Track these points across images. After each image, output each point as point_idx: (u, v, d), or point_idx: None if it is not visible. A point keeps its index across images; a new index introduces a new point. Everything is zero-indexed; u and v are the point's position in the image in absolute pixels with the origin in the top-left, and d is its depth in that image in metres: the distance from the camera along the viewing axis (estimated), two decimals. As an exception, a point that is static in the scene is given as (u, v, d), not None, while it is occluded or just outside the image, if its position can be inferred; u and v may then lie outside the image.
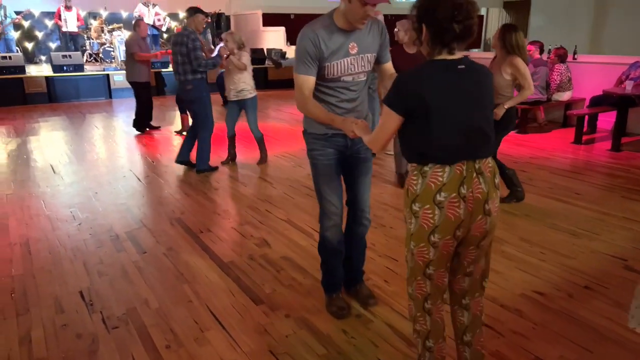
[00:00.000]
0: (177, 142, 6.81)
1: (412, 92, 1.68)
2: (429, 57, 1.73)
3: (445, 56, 1.70)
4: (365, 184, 2.52)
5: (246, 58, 5.17)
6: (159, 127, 7.56)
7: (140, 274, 3.07)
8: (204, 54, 5.00)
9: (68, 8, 10.94)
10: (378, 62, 2.38)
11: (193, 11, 5.03)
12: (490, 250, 1.92)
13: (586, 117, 6.45)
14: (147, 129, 7.37)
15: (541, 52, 6.66)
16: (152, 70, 7.34)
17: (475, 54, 10.72)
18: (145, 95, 7.15)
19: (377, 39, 2.30)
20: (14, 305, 2.73)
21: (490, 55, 8.41)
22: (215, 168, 5.28)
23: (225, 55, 5.03)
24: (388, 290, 2.83)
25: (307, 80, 2.21)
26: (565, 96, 6.89)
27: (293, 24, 12.92)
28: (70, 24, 11.03)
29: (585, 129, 6.50)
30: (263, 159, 5.49)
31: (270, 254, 3.33)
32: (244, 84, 5.13)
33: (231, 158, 5.53)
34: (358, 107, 2.35)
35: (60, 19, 10.98)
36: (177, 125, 7.58)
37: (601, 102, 6.43)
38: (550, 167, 5.34)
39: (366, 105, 2.45)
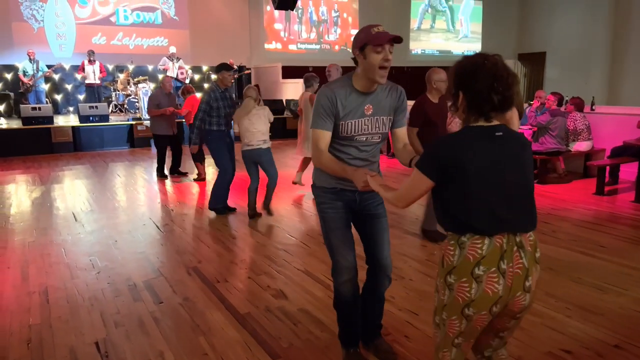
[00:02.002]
0: (196, 189, 6.91)
1: (446, 158, 1.63)
2: (465, 124, 1.70)
3: (482, 123, 1.66)
4: (381, 241, 2.46)
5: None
6: (186, 173, 7.80)
7: (157, 325, 3.03)
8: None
9: (91, 62, 11.47)
10: (394, 126, 2.40)
11: (219, 68, 5.29)
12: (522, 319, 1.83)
13: (607, 167, 6.38)
14: (176, 175, 7.75)
15: (560, 103, 6.69)
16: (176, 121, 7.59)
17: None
18: (162, 147, 7.56)
19: (394, 103, 2.35)
20: (30, 355, 2.71)
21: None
22: (232, 210, 5.48)
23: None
24: (409, 346, 2.74)
25: (323, 135, 2.27)
26: (584, 146, 6.85)
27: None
28: (93, 76, 11.52)
29: (607, 179, 6.42)
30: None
31: (287, 305, 3.28)
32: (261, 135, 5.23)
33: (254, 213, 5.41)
34: (369, 166, 2.36)
35: (83, 71, 11.49)
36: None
37: (622, 152, 6.38)
38: (573, 219, 5.24)
39: (378, 166, 2.47)
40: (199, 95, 8.00)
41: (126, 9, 13.47)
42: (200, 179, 7.39)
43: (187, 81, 12.08)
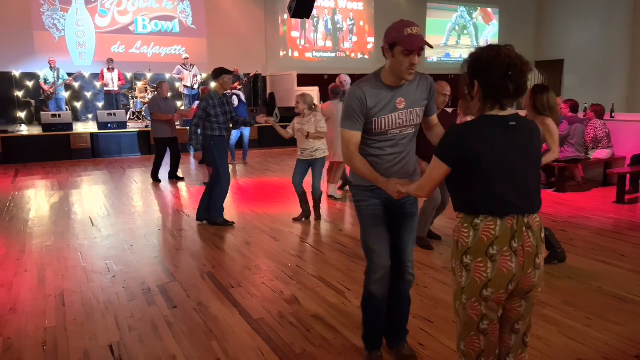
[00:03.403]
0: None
1: (462, 144, 1.71)
2: (480, 112, 1.76)
3: (497, 112, 1.73)
4: (409, 239, 2.49)
5: (322, 122, 5.19)
6: (183, 178, 7.98)
7: (170, 329, 3.04)
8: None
9: (110, 69, 11.67)
10: (425, 114, 2.41)
11: (217, 73, 5.21)
12: (534, 303, 1.87)
13: (628, 175, 6.26)
14: (174, 179, 7.92)
15: (573, 109, 6.58)
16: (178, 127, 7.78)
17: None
18: (162, 149, 7.81)
19: (425, 94, 2.35)
20: (45, 358, 2.73)
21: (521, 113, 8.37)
22: (231, 223, 5.27)
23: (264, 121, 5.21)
24: (424, 355, 2.70)
25: (354, 136, 2.29)
26: (604, 154, 6.73)
27: (327, 84, 13.37)
28: (112, 83, 11.72)
29: (627, 188, 6.29)
30: (316, 215, 5.48)
31: (301, 311, 3.26)
32: (319, 143, 5.24)
33: (305, 215, 5.43)
34: (405, 159, 2.36)
35: (103, 79, 11.70)
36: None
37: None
38: (592, 227, 5.14)
39: (413, 159, 2.45)
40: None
41: (145, 18, 13.68)
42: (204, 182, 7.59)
43: (196, 87, 12.22)
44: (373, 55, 16.50)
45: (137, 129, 10.95)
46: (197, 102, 7.87)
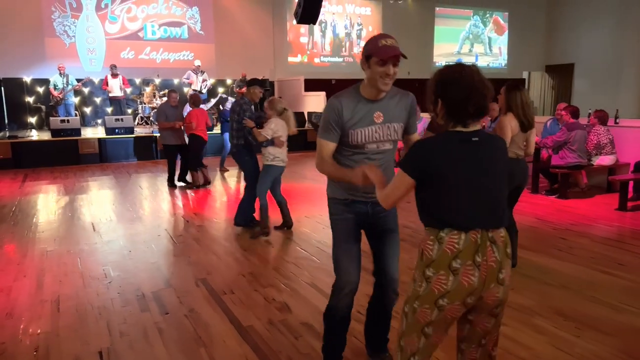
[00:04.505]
0: (213, 200, 7.00)
1: (426, 159, 1.74)
2: (445, 128, 1.79)
3: (460, 129, 1.76)
4: (392, 255, 2.45)
5: (271, 129, 4.88)
6: (190, 182, 8.01)
7: (160, 336, 3.07)
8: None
9: (114, 75, 11.83)
10: (406, 132, 2.41)
11: (250, 83, 5.34)
12: (501, 319, 1.87)
13: (631, 182, 6.18)
14: (183, 184, 8.00)
15: (574, 115, 6.52)
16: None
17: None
18: (170, 156, 7.95)
19: (405, 110, 2.35)
20: (35, 363, 2.78)
21: (539, 119, 8.34)
22: (266, 230, 5.12)
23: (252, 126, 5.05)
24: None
25: (327, 145, 2.31)
26: (608, 160, 6.66)
27: (334, 89, 13.47)
28: (115, 89, 11.87)
29: (630, 195, 6.22)
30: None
31: (291, 319, 3.28)
32: (277, 152, 4.98)
33: (265, 231, 5.18)
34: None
35: (107, 85, 11.86)
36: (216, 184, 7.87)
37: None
38: (592, 235, 5.09)
39: (390, 176, 2.44)
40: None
41: (154, 24, 13.87)
42: (206, 182, 7.85)
43: (204, 91, 12.31)
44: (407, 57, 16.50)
45: (145, 134, 11.07)
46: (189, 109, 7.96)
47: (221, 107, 10.28)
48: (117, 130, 10.62)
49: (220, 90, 14.19)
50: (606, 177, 6.85)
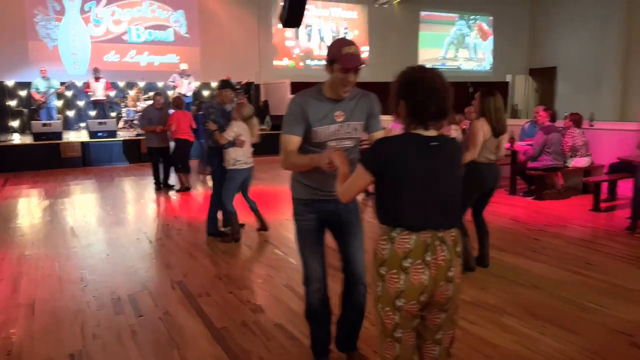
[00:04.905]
0: (194, 203, 7.01)
1: (385, 157, 1.80)
2: (406, 130, 1.84)
3: (420, 131, 1.81)
4: (356, 248, 2.52)
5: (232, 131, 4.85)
6: (173, 186, 8.03)
7: (133, 338, 3.10)
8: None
9: (97, 79, 11.79)
10: (368, 131, 2.48)
11: (222, 85, 5.32)
12: (457, 317, 1.94)
13: (604, 184, 6.31)
14: (164, 187, 7.97)
15: (552, 119, 6.65)
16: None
17: (511, 121, 10.76)
18: (153, 158, 7.94)
19: (365, 110, 2.42)
20: (7, 366, 2.79)
21: (520, 122, 8.48)
22: (236, 235, 5.08)
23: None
24: (376, 362, 2.75)
25: (292, 139, 2.35)
26: (583, 162, 6.79)
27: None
28: (98, 93, 11.82)
29: (604, 196, 6.35)
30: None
31: (264, 320, 3.31)
32: (238, 154, 4.92)
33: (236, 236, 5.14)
34: None
35: (89, 88, 11.82)
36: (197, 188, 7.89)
37: (620, 168, 6.31)
38: (565, 236, 5.19)
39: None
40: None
41: (139, 27, 13.82)
42: (184, 188, 7.75)
43: (189, 94, 12.30)
44: (367, 64, 16.60)
45: (128, 138, 11.04)
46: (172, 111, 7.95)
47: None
48: (100, 134, 10.59)
49: (206, 93, 14.21)
50: (582, 178, 6.98)
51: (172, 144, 7.89)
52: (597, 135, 7.14)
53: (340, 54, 2.19)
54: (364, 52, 16.84)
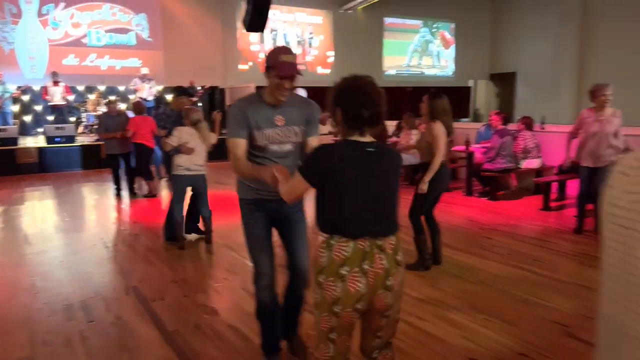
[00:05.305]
0: (152, 209, 6.95)
1: (321, 166, 1.84)
2: (343, 137, 1.89)
3: (357, 137, 1.86)
4: (300, 245, 2.63)
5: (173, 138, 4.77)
6: (136, 193, 7.87)
7: (83, 344, 3.08)
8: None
9: (56, 83, 11.54)
10: (305, 135, 2.56)
11: (177, 92, 5.29)
12: (399, 317, 2.00)
13: (554, 184, 6.59)
14: (130, 194, 7.79)
15: (505, 122, 6.91)
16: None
17: (467, 124, 11.07)
18: (113, 165, 7.80)
19: (304, 115, 2.52)
20: (-51, 375, 2.74)
21: (478, 125, 8.75)
22: (179, 241, 4.99)
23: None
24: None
25: (239, 143, 2.42)
26: (535, 164, 7.07)
27: (285, 96, 13.55)
28: (57, 97, 11.57)
29: (554, 195, 6.62)
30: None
31: (217, 322, 3.34)
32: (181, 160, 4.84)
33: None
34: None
35: (47, 93, 11.55)
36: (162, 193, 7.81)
37: (569, 169, 6.58)
38: (515, 234, 5.40)
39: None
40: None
41: (99, 30, 13.58)
42: (149, 194, 7.65)
43: (151, 99, 12.17)
44: (333, 69, 16.75)
45: (88, 143, 10.83)
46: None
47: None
48: (57, 139, 10.35)
49: (169, 97, 14.05)
50: (534, 179, 7.25)
51: None
52: (548, 138, 7.44)
53: (278, 61, 2.29)
54: (330, 57, 17.01)
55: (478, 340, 3.01)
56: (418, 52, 18.85)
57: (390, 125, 9.29)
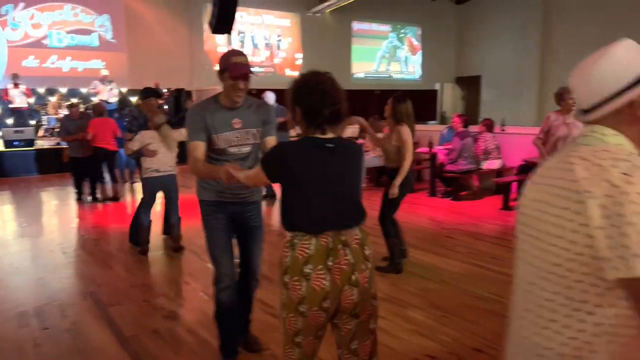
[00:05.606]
0: (114, 213, 6.82)
1: (281, 162, 1.81)
2: (304, 135, 1.85)
3: (318, 135, 1.82)
4: (256, 249, 2.72)
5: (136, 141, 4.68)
6: (97, 198, 7.67)
7: (36, 351, 2.99)
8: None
9: (16, 85, 11.20)
10: (261, 136, 2.58)
11: (144, 95, 5.12)
12: (377, 328, 1.92)
13: (513, 184, 6.78)
14: (93, 199, 7.58)
15: (466, 124, 7.07)
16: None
17: (431, 126, 11.27)
18: (75, 169, 7.63)
19: (261, 118, 2.55)
20: None
21: (443, 127, 8.91)
22: (141, 248, 4.87)
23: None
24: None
25: (198, 145, 2.44)
26: (495, 164, 7.25)
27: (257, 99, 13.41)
28: (18, 100, 11.23)
29: (514, 195, 6.80)
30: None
31: (176, 327, 3.31)
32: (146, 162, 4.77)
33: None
34: None
35: (7, 95, 11.20)
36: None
37: (527, 169, 6.79)
38: (476, 233, 5.53)
39: None
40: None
41: (60, 31, 13.23)
42: (109, 198, 7.49)
43: (112, 101, 11.93)
44: (302, 71, 16.75)
45: (48, 147, 10.54)
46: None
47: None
48: (16, 143, 10.02)
49: (134, 99, 13.81)
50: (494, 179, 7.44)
51: None
52: (508, 139, 7.64)
53: (230, 62, 2.33)
54: (298, 59, 17.04)
55: (435, 337, 3.07)
56: (386, 59, 19.07)
57: (354, 127, 9.37)
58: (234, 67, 2.32)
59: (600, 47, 1.15)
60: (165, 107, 12.51)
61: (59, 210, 7.16)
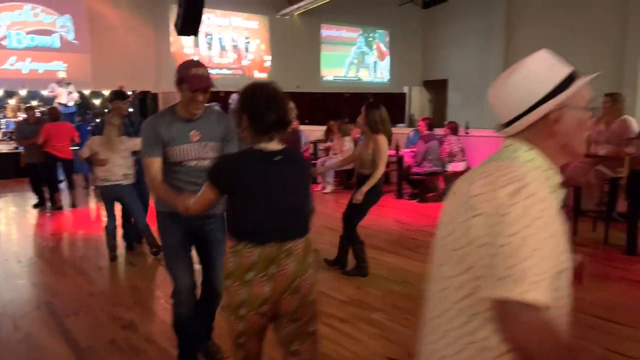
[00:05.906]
0: (74, 221, 6.62)
1: (227, 174, 1.83)
2: (252, 145, 1.85)
3: (265, 145, 1.83)
4: (218, 264, 2.58)
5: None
6: (61, 207, 7.36)
7: (-16, 366, 2.87)
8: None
9: None
10: (224, 152, 2.50)
11: (112, 97, 5.02)
12: (315, 330, 1.94)
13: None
14: (51, 206, 7.29)
15: (430, 127, 7.16)
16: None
17: (398, 129, 11.35)
18: (31, 174, 7.39)
19: (220, 130, 2.46)
20: None
21: (410, 130, 8.99)
22: (111, 251, 4.76)
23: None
24: None
25: (153, 162, 2.36)
26: (460, 167, 7.35)
27: (223, 101, 13.22)
28: None
29: (478, 197, 6.92)
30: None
31: (134, 336, 3.21)
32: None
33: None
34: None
35: None
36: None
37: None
38: (440, 234, 5.58)
39: None
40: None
41: (19, 32, 12.81)
42: (56, 207, 7.17)
43: (70, 103, 11.60)
44: (271, 73, 16.71)
45: (6, 151, 10.16)
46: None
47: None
48: (-29, 147, 9.62)
49: (97, 102, 13.49)
50: (460, 181, 7.56)
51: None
52: (472, 142, 7.78)
53: (189, 74, 2.24)
54: (267, 61, 16.97)
55: (397, 339, 3.08)
56: (355, 65, 19.19)
57: (319, 130, 9.40)
58: (193, 79, 2.23)
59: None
60: (131, 109, 12.23)
61: (16, 217, 6.90)
